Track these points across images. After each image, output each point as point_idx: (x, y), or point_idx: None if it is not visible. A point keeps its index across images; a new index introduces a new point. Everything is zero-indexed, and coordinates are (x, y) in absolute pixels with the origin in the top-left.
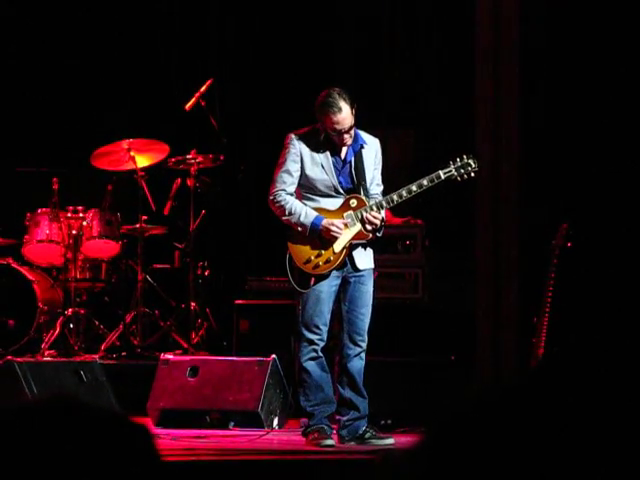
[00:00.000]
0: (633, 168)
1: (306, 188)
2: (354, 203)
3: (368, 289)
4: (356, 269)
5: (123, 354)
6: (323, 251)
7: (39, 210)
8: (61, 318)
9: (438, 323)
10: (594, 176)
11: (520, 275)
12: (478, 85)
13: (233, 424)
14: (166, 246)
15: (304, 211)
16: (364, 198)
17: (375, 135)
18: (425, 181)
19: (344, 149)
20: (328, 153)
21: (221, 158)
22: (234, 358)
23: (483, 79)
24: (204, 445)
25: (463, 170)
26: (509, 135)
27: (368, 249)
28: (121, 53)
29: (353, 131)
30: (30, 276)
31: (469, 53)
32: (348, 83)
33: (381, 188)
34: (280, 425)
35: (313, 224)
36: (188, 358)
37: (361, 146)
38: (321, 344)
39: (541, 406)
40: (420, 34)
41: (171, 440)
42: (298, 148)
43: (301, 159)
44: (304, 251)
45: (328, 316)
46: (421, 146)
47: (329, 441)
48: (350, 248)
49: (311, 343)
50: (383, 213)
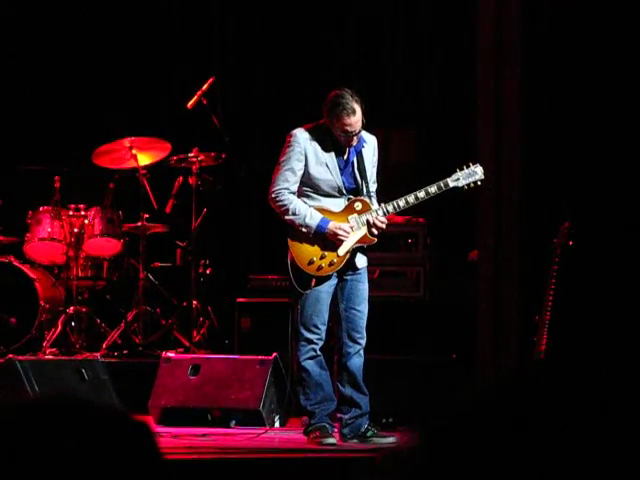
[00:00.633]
0: (635, 167)
1: (308, 187)
2: (359, 206)
3: (365, 286)
4: (355, 269)
5: (125, 352)
6: (326, 253)
7: (41, 208)
8: (63, 316)
9: (439, 321)
10: (596, 175)
11: (521, 274)
12: (480, 84)
13: (234, 422)
14: (168, 244)
15: (309, 212)
16: (369, 202)
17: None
18: (433, 188)
19: (347, 149)
20: (333, 153)
21: (223, 156)
22: (236, 356)
23: (485, 78)
24: (205, 443)
25: (471, 179)
26: (511, 133)
27: (363, 247)
28: (123, 51)
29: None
30: (32, 274)
31: (471, 52)
32: (349, 82)
33: (376, 186)
34: (282, 423)
35: (319, 226)
36: (190, 356)
37: (362, 145)
38: (320, 343)
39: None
40: (422, 32)
41: (172, 438)
42: (303, 146)
43: (305, 157)
44: (306, 252)
45: (327, 315)
46: (423, 145)
47: (330, 440)
48: (352, 251)
49: (310, 342)
50: None
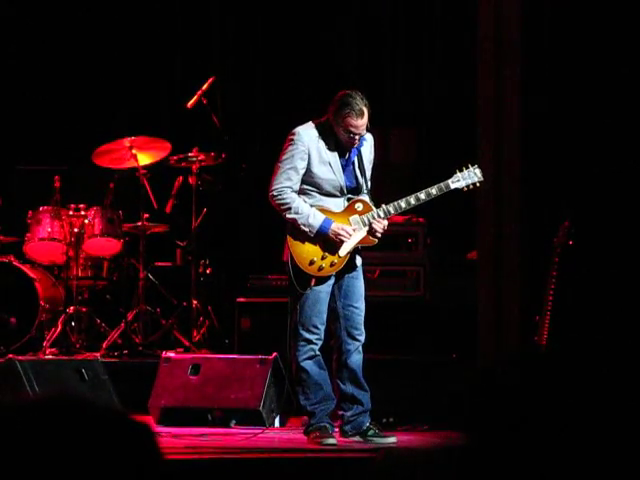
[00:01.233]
0: (635, 166)
1: (309, 185)
2: (360, 207)
3: (361, 283)
4: (353, 267)
5: (125, 352)
6: (327, 254)
7: (41, 208)
8: (63, 316)
9: (440, 321)
10: (596, 174)
11: (522, 273)
12: (480, 84)
13: (234, 422)
14: (168, 244)
15: (312, 212)
16: (370, 203)
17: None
18: (433, 190)
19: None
20: (336, 152)
21: (223, 156)
22: (236, 356)
23: (485, 78)
24: (205, 443)
25: (470, 181)
26: (511, 133)
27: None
28: (123, 51)
29: None
30: (32, 274)
31: (471, 52)
32: (349, 82)
33: (369, 184)
34: (282, 423)
35: (322, 227)
36: (190, 356)
37: (361, 144)
38: (319, 343)
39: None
40: (421, 33)
41: (172, 438)
42: (307, 145)
43: (308, 156)
44: (307, 252)
45: (325, 315)
46: (422, 145)
47: (331, 440)
48: (352, 251)
49: (309, 342)
50: None
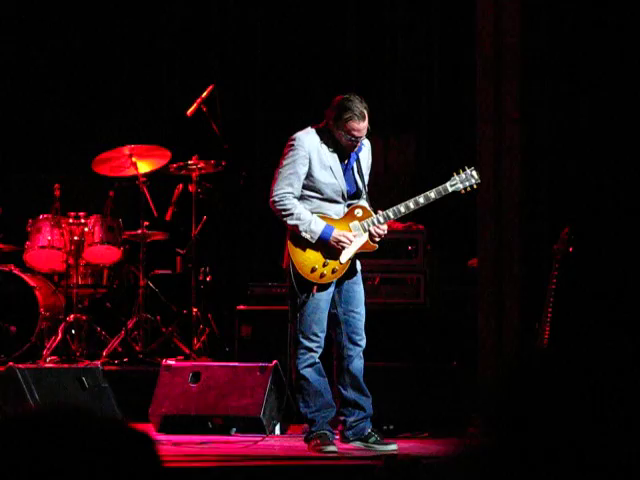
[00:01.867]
0: (635, 173)
1: (311, 190)
2: (359, 213)
3: (361, 288)
4: (353, 272)
5: (125, 360)
6: (329, 260)
7: (41, 216)
8: (63, 324)
9: (440, 328)
10: (596, 180)
11: (522, 280)
12: (479, 89)
13: (235, 430)
14: (168, 252)
15: (314, 219)
16: (369, 208)
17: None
18: (432, 194)
19: (347, 153)
20: (337, 157)
21: (223, 164)
22: (236, 364)
23: (484, 84)
24: (206, 451)
25: (468, 183)
26: (511, 139)
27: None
28: (123, 58)
29: None
30: (32, 282)
31: (471, 57)
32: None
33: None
34: (282, 431)
35: (324, 233)
36: (190, 364)
37: (360, 149)
38: (319, 351)
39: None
40: (421, 39)
41: (173, 446)
42: (307, 150)
43: (309, 161)
44: (309, 260)
45: (325, 323)
46: (422, 151)
47: (332, 447)
48: (352, 257)
49: (310, 350)
50: None
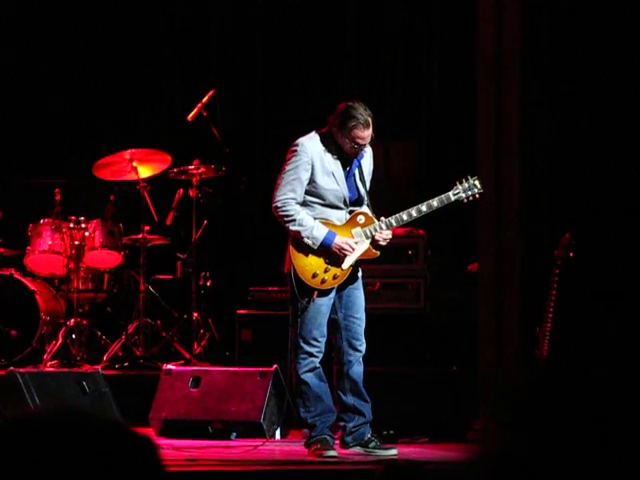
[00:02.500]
0: (636, 178)
1: (313, 196)
2: (362, 220)
3: (361, 293)
4: (354, 278)
5: (125, 364)
6: (330, 266)
7: (41, 221)
8: (63, 329)
9: (440, 333)
10: (597, 186)
11: (522, 285)
12: (480, 95)
13: (235, 435)
14: (168, 256)
15: (316, 225)
16: (371, 215)
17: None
18: (435, 202)
19: (350, 159)
20: (339, 163)
21: (223, 169)
22: (236, 368)
23: (485, 89)
24: (206, 455)
25: (470, 192)
26: (511, 145)
27: None
28: (123, 63)
29: None
30: (32, 287)
31: (472, 63)
32: (349, 93)
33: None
34: (282, 435)
35: (326, 239)
36: (190, 368)
37: (362, 156)
38: (320, 356)
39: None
40: (422, 44)
41: (173, 450)
42: (310, 155)
43: (312, 167)
44: (310, 265)
45: (325, 328)
46: (423, 157)
47: (332, 452)
48: (354, 263)
49: (310, 355)
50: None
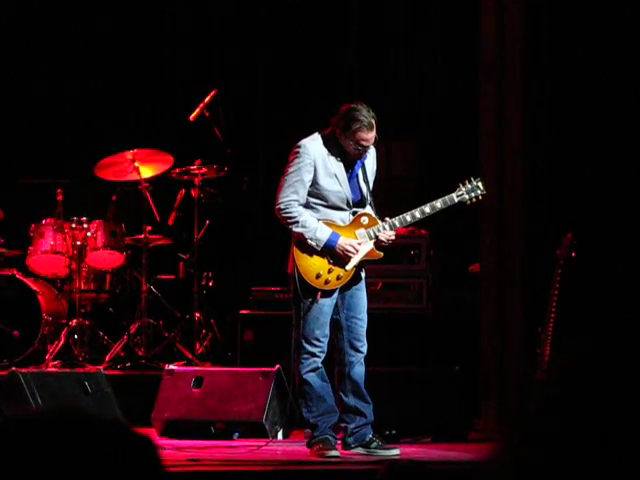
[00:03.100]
0: (637, 177)
1: (316, 198)
2: (365, 221)
3: (364, 294)
4: (357, 279)
5: (127, 365)
6: (334, 267)
7: (43, 221)
8: (65, 329)
9: (442, 333)
10: (598, 186)
11: (524, 285)
12: (482, 96)
13: (237, 435)
14: (170, 257)
15: (319, 226)
16: (375, 216)
17: (377, 146)
18: (438, 203)
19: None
20: (342, 164)
21: (225, 169)
22: (238, 369)
23: (487, 90)
24: (208, 456)
25: (474, 194)
26: (512, 146)
27: None
28: (125, 64)
29: None
30: (34, 287)
31: (473, 62)
32: (351, 94)
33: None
34: (285, 436)
35: (330, 240)
36: (192, 369)
37: (365, 157)
38: (322, 356)
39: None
40: (423, 44)
41: (175, 451)
42: (313, 157)
43: (315, 169)
44: (314, 265)
45: (328, 328)
46: (424, 157)
47: (334, 452)
48: (357, 264)
49: (312, 355)
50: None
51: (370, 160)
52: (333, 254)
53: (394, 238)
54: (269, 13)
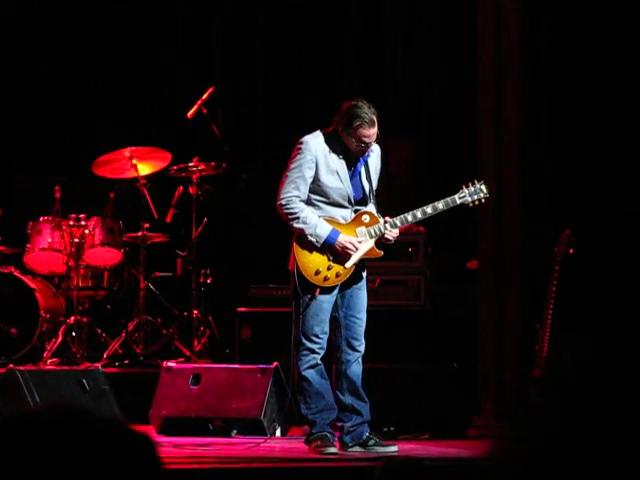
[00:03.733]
0: (635, 175)
1: (317, 195)
2: (367, 219)
3: (364, 293)
4: (358, 277)
5: (125, 362)
6: (333, 264)
7: (41, 218)
8: (63, 326)
9: (440, 330)
10: (596, 184)
11: (522, 282)
12: (480, 95)
13: (236, 432)
14: (168, 254)
15: (320, 222)
16: (377, 214)
17: (376, 144)
18: (440, 205)
19: (355, 158)
20: (344, 162)
21: (223, 166)
22: (236, 366)
23: (485, 89)
24: (207, 453)
25: (476, 196)
26: (511, 142)
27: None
28: (123, 61)
29: None
30: (32, 284)
31: (471, 62)
32: (349, 91)
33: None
34: (283, 433)
35: (330, 237)
36: (191, 366)
37: (369, 155)
38: (321, 353)
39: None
40: (422, 43)
41: (174, 448)
42: (314, 153)
43: (316, 165)
44: (313, 262)
45: (327, 324)
46: (423, 155)
47: (332, 449)
48: (358, 262)
49: (312, 352)
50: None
51: (374, 159)
52: (333, 251)
53: (397, 236)
54: (268, 11)
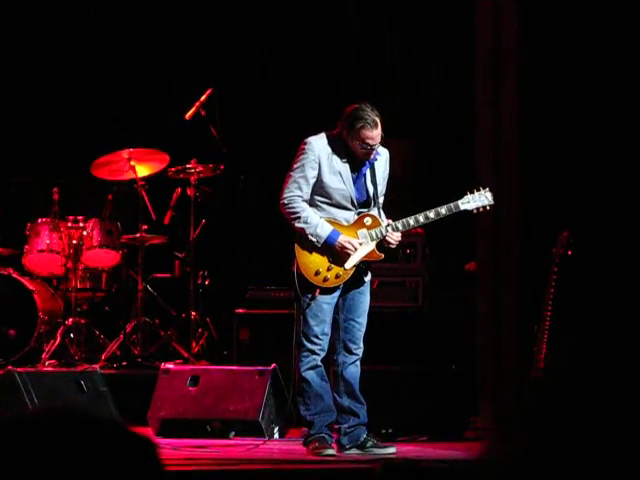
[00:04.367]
0: (634, 176)
1: (320, 196)
2: (369, 222)
3: (366, 298)
4: (361, 282)
5: (124, 364)
6: (333, 265)
7: (39, 220)
8: (61, 328)
9: (439, 332)
10: (595, 183)
11: (520, 283)
12: (478, 94)
13: (234, 433)
14: (166, 255)
15: (320, 223)
16: (379, 218)
17: (384, 148)
18: (443, 210)
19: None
20: (348, 164)
21: (221, 167)
22: (234, 367)
23: (483, 89)
24: (205, 455)
25: (480, 203)
26: (510, 143)
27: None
28: (121, 62)
29: None
30: (30, 286)
31: (470, 61)
32: (348, 93)
33: (382, 199)
34: (281, 434)
35: (330, 237)
36: (189, 367)
37: (375, 158)
38: (322, 354)
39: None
40: (420, 44)
41: (172, 450)
42: (317, 154)
43: (319, 166)
44: (314, 262)
45: (328, 326)
46: (421, 156)
47: (330, 450)
48: (360, 265)
49: (312, 353)
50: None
51: (381, 163)
52: (333, 252)
53: (400, 239)
54: (266, 12)
